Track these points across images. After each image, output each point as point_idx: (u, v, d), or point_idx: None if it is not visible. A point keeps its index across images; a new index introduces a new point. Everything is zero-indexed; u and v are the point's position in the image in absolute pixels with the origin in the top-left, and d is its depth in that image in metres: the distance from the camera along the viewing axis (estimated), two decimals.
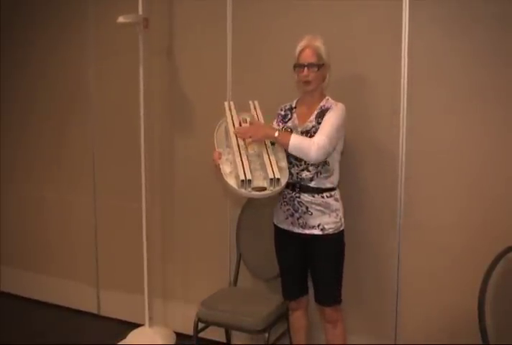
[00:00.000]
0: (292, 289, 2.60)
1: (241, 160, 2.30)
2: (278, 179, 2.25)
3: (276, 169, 2.28)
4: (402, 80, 2.61)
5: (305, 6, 2.80)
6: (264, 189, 2.26)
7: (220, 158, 2.38)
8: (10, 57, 3.85)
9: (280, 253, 2.59)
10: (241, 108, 2.55)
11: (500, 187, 2.48)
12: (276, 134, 2.32)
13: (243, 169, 2.26)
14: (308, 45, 2.35)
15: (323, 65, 2.35)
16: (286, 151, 2.35)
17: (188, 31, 3.16)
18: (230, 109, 2.53)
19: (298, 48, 2.37)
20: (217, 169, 2.40)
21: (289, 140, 2.29)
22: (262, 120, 2.49)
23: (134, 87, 3.08)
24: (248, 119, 2.50)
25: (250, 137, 2.35)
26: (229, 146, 2.44)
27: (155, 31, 3.16)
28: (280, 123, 2.50)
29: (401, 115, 2.63)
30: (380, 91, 2.67)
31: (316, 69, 2.34)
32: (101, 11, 3.42)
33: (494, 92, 2.46)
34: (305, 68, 2.34)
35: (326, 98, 2.44)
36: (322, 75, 2.39)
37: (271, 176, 2.24)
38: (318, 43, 2.35)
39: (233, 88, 3.06)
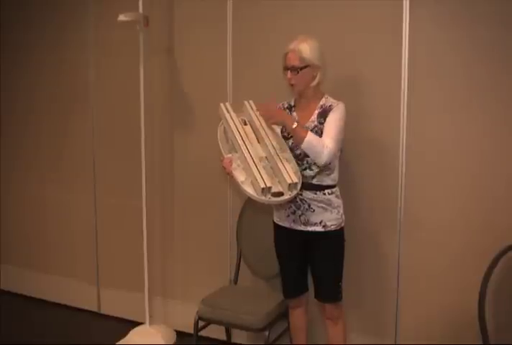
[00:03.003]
0: (292, 287, 2.61)
1: (257, 167, 2.29)
2: (296, 183, 2.26)
3: (291, 172, 2.28)
4: (402, 79, 2.61)
5: (306, 4, 2.80)
6: (281, 194, 2.26)
7: (231, 165, 2.37)
8: (10, 56, 3.83)
9: (281, 251, 2.60)
10: (241, 107, 2.56)
11: (500, 186, 2.49)
12: (294, 125, 2.31)
13: (260, 176, 2.25)
14: (291, 49, 2.35)
15: (305, 67, 2.34)
16: (291, 150, 2.38)
17: (188, 29, 3.15)
18: (228, 111, 2.51)
19: (284, 52, 2.39)
20: (229, 176, 2.40)
21: (305, 136, 2.28)
22: (261, 120, 2.48)
23: (135, 85, 3.08)
24: (247, 120, 2.50)
25: (270, 118, 2.36)
26: (233, 149, 2.42)
27: (156, 29, 3.16)
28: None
29: (401, 114, 2.63)
30: (380, 90, 2.67)
31: (296, 72, 2.34)
32: (102, 9, 3.41)
33: (494, 91, 2.46)
34: (288, 71, 2.36)
35: (326, 96, 2.44)
36: (308, 76, 2.36)
37: (289, 181, 2.24)
38: (302, 46, 2.33)
39: (233, 86, 3.06)
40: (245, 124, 2.48)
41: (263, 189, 2.22)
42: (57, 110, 3.69)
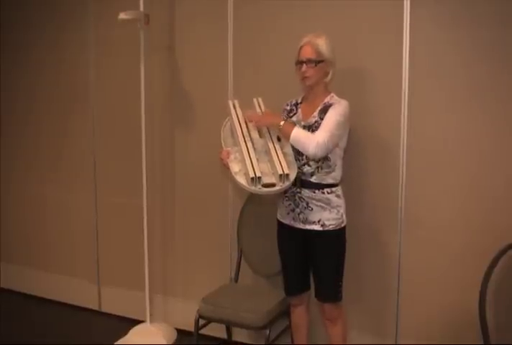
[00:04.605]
0: (293, 285, 2.61)
1: (250, 157, 2.32)
2: (287, 174, 2.27)
3: (285, 164, 2.30)
4: (403, 79, 2.61)
5: (307, 4, 2.80)
6: (273, 185, 2.27)
7: (228, 157, 2.40)
8: (10, 56, 3.82)
9: (282, 248, 2.60)
10: (245, 103, 2.57)
11: (500, 184, 2.49)
12: (281, 123, 2.36)
13: (252, 166, 2.28)
14: (308, 42, 2.37)
15: (322, 61, 2.36)
16: (292, 145, 2.38)
17: (189, 27, 3.15)
18: (235, 107, 2.55)
19: (299, 45, 2.40)
20: (226, 168, 2.43)
21: (291, 132, 2.32)
22: None
23: (135, 84, 3.08)
24: None
25: (257, 122, 2.39)
26: (235, 144, 2.45)
27: (156, 27, 3.16)
28: (285, 118, 2.52)
29: (402, 114, 2.64)
30: (380, 90, 2.68)
31: (313, 65, 2.35)
32: (102, 8, 3.41)
33: (495, 91, 2.47)
34: (304, 64, 2.36)
35: (331, 94, 2.44)
36: (322, 71, 2.39)
37: (280, 172, 2.26)
38: (319, 40, 2.36)
39: (234, 84, 3.06)
40: (250, 120, 2.50)
41: (252, 179, 2.25)
42: (57, 110, 3.69)
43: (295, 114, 2.50)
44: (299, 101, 2.54)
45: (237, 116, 2.51)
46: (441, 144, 2.59)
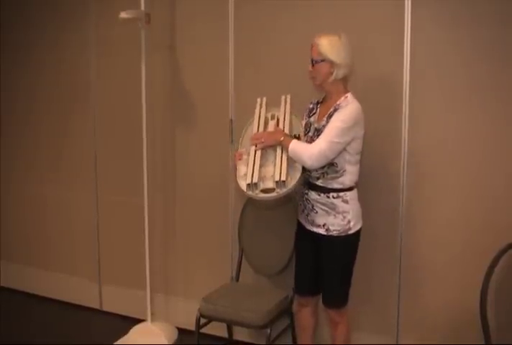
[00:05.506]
0: (301, 284, 2.60)
1: (254, 161, 2.30)
2: (283, 181, 2.24)
3: (284, 170, 2.27)
4: (404, 78, 2.62)
5: (308, 3, 2.80)
6: (273, 190, 2.26)
7: (240, 159, 2.39)
8: (10, 56, 3.81)
9: (297, 247, 2.62)
10: (245, 103, 2.56)
11: (501, 183, 2.50)
12: (281, 138, 2.34)
13: (252, 171, 2.27)
14: (313, 42, 2.36)
15: (322, 61, 2.32)
16: None
17: (190, 26, 3.15)
18: (261, 106, 2.52)
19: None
20: (235, 169, 2.42)
21: (288, 146, 2.32)
22: (287, 115, 2.48)
23: (136, 83, 3.08)
24: (276, 115, 2.50)
25: (262, 143, 2.37)
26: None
27: (157, 27, 3.15)
28: (306, 117, 2.51)
29: (403, 113, 2.64)
30: (381, 90, 2.68)
31: (311, 64, 2.35)
32: (103, 7, 3.40)
33: (495, 90, 2.48)
34: (310, 64, 2.37)
35: (346, 95, 2.37)
36: (324, 71, 2.34)
37: (277, 178, 2.24)
38: (321, 40, 2.33)
39: (235, 83, 3.06)
40: (272, 119, 2.49)
41: (248, 185, 2.25)
42: (57, 110, 3.68)
43: (314, 114, 2.48)
44: (320, 100, 2.50)
45: (259, 115, 2.48)
46: (441, 144, 2.59)
